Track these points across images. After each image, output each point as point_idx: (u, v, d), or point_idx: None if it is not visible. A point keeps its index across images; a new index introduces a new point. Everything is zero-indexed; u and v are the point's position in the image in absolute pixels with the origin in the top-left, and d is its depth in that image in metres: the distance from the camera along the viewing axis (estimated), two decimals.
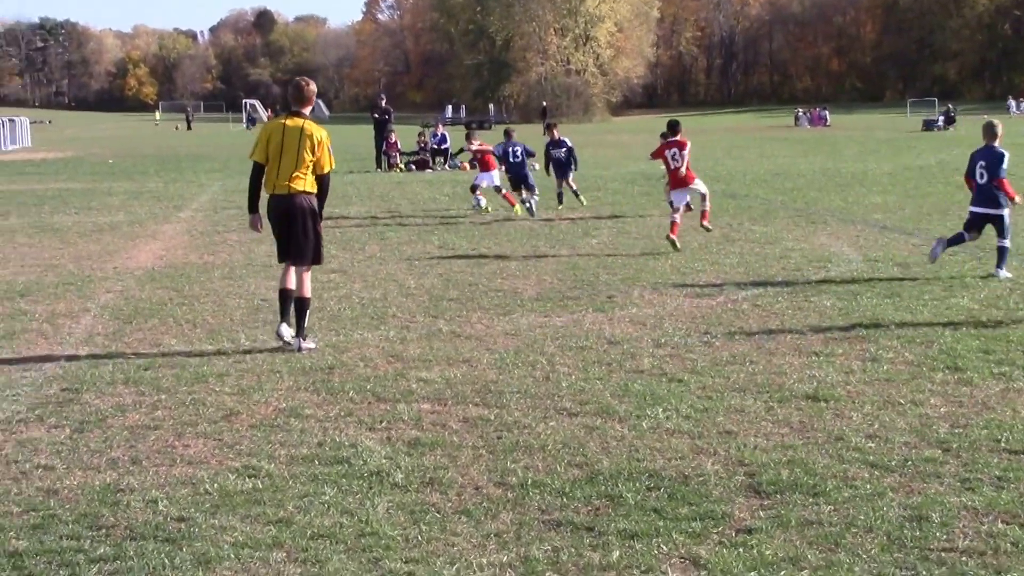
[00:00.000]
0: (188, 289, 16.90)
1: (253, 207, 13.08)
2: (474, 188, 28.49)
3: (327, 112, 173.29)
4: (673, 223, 20.66)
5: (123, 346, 12.95)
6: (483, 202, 28.11)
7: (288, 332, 12.70)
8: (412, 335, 13.35)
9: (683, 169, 21.08)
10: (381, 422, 9.65)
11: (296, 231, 12.83)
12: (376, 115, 47.40)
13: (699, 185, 21.39)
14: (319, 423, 9.66)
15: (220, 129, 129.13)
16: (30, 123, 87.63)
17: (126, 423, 9.75)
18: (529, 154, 27.50)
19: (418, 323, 14.13)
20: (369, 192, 35.03)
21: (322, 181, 12.93)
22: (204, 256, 20.58)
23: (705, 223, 21.62)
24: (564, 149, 28.76)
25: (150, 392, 10.82)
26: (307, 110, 13.05)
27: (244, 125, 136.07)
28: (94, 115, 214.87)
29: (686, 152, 21.20)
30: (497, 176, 28.26)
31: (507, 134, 28.34)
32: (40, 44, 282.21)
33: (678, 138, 21.42)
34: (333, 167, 13.13)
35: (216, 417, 9.90)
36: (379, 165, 46.71)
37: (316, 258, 13.07)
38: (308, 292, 13.01)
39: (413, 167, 46.53)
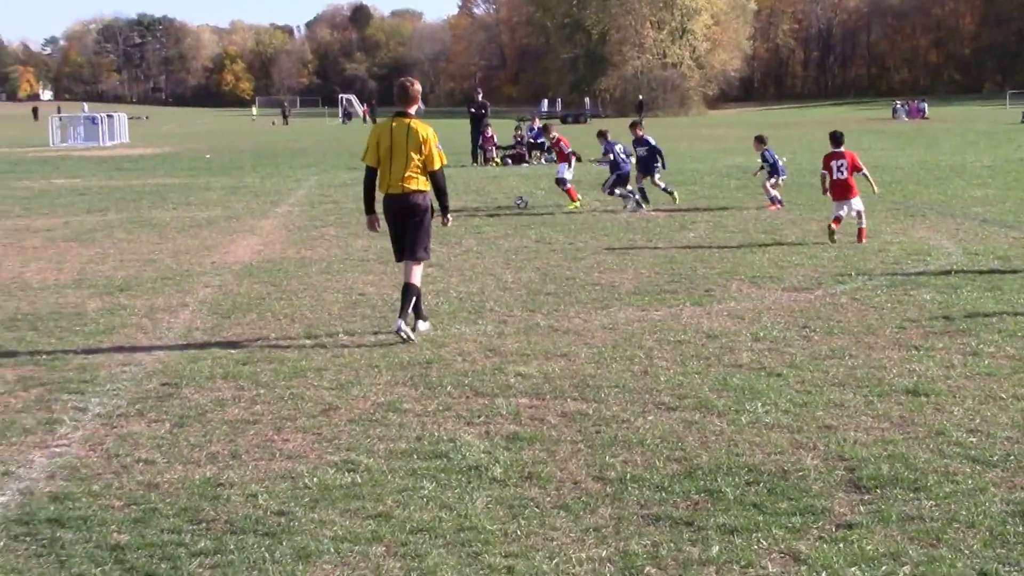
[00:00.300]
0: (286, 284, 17.03)
1: (369, 208, 13.47)
2: (560, 182, 28.55)
3: (422, 107, 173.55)
4: (837, 218, 20.52)
5: (222, 341, 13.07)
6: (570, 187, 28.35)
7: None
8: (510, 329, 13.36)
9: (846, 180, 20.79)
10: (479, 416, 9.67)
11: (410, 228, 13.12)
12: (472, 109, 47.47)
13: (858, 202, 20.96)
14: (417, 417, 9.69)
15: (316, 124, 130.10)
16: (128, 119, 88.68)
17: (225, 417, 9.84)
18: (627, 153, 27.67)
19: (516, 317, 14.14)
20: (465, 186, 35.12)
21: (435, 177, 13.18)
22: (301, 251, 20.72)
23: (863, 240, 20.88)
24: (646, 148, 28.59)
25: (249, 387, 10.92)
26: (413, 109, 13.28)
27: (340, 120, 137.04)
28: (191, 111, 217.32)
29: (848, 163, 20.90)
30: (568, 169, 28.54)
31: (603, 135, 28.39)
32: (138, 40, 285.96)
33: (841, 149, 21.14)
34: (444, 163, 13.35)
35: (315, 411, 9.96)
36: (475, 159, 46.84)
37: (426, 254, 13.33)
38: (416, 280, 13.19)
39: (509, 161, 46.60)
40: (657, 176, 28.43)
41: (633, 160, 28.10)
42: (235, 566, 6.66)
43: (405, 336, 12.84)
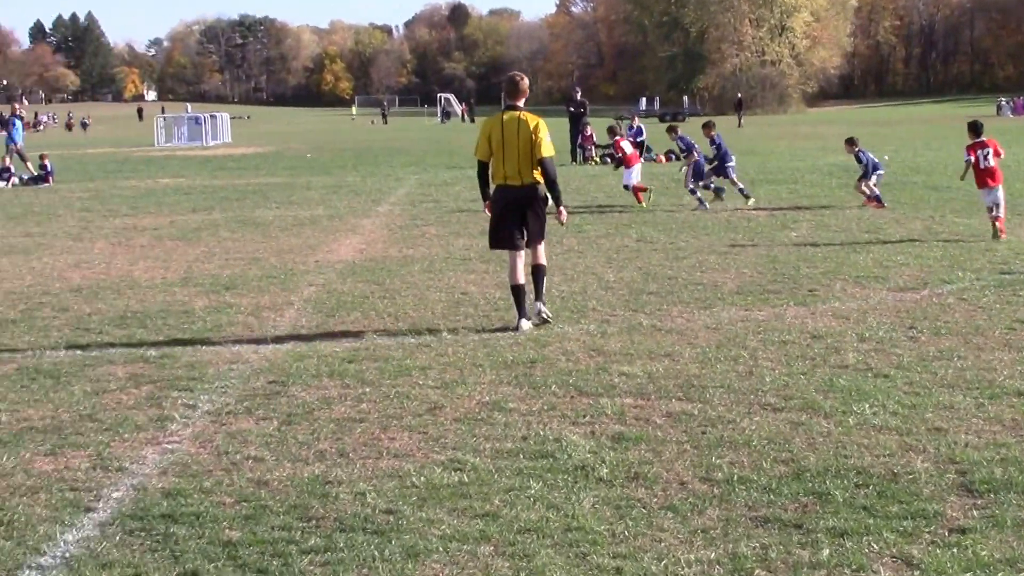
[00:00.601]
0: (389, 283, 17.12)
1: (485, 197, 13.93)
2: (628, 187, 28.57)
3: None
4: (997, 218, 20.37)
5: (327, 339, 13.17)
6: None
7: (528, 325, 13.41)
8: (613, 329, 13.33)
9: (992, 167, 20.59)
10: (584, 416, 9.65)
11: (530, 215, 13.56)
12: (571, 108, 47.46)
13: (1000, 192, 20.70)
14: (523, 417, 9.70)
15: (415, 123, 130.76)
16: (230, 119, 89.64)
17: (332, 416, 9.91)
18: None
19: (618, 317, 14.11)
20: (564, 185, 34.75)
21: (544, 165, 13.42)
22: (403, 250, 20.82)
23: (1002, 232, 20.64)
24: (714, 147, 28.48)
25: (355, 385, 10.98)
26: (521, 102, 13.57)
27: (439, 119, 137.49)
28: (291, 110, 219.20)
29: (992, 150, 20.71)
30: (635, 173, 28.78)
31: (673, 130, 28.69)
32: (239, 41, 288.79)
33: (983, 139, 20.92)
34: (552, 153, 13.53)
35: (420, 410, 10.00)
36: (574, 158, 46.76)
37: (542, 234, 13.82)
38: (544, 260, 13.90)
39: (608, 160, 46.43)
40: (734, 175, 28.28)
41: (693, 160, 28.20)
42: (345, 564, 6.70)
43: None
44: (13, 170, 41.55)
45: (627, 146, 30.11)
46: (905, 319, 13.51)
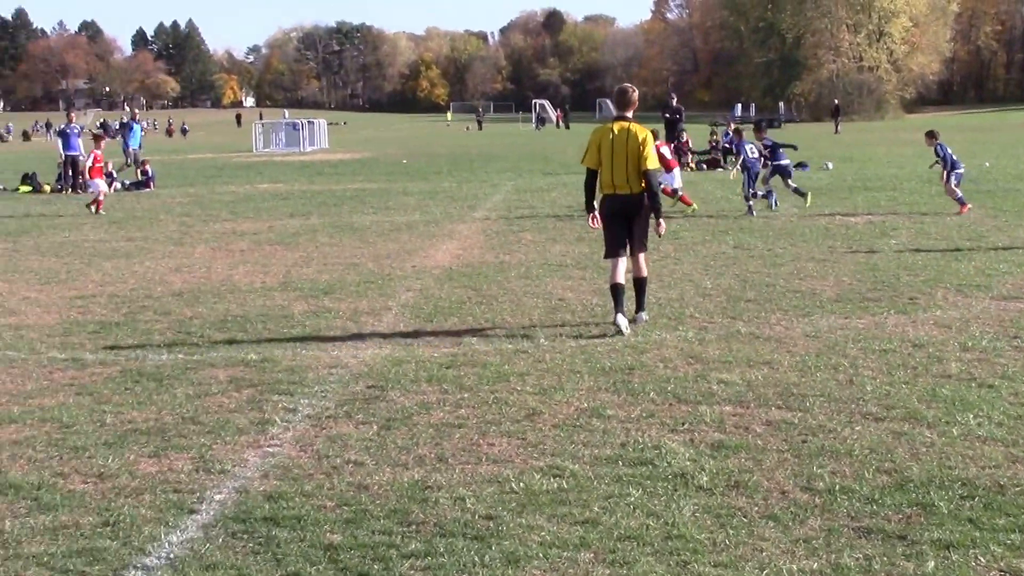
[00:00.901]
0: (486, 288, 17.14)
1: (589, 207, 14.13)
2: (672, 193, 28.41)
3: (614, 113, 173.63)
4: None
5: (425, 344, 13.20)
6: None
7: (624, 321, 13.67)
8: (711, 336, 13.26)
9: None
10: (683, 424, 9.60)
11: (636, 225, 13.89)
12: (667, 114, 47.21)
13: None
14: (621, 424, 9.66)
15: (510, 129, 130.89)
16: (327, 124, 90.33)
17: (431, 421, 9.92)
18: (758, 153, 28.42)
19: (716, 324, 14.03)
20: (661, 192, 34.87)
21: (648, 177, 13.79)
22: (500, 255, 20.84)
23: None
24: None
25: (453, 390, 11.00)
26: (630, 113, 14.04)
27: (533, 125, 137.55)
28: (387, 116, 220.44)
29: None
30: (676, 177, 28.97)
31: (738, 133, 28.86)
32: (336, 48, 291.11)
33: None
34: (657, 166, 14.08)
35: (519, 416, 9.99)
36: None
37: (645, 244, 14.20)
38: (645, 272, 14.30)
39: (704, 166, 46.30)
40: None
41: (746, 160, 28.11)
42: (446, 569, 6.70)
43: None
44: (116, 175, 42.11)
45: (666, 151, 29.94)
46: (1009, 328, 13.30)
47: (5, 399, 11.09)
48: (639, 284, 14.23)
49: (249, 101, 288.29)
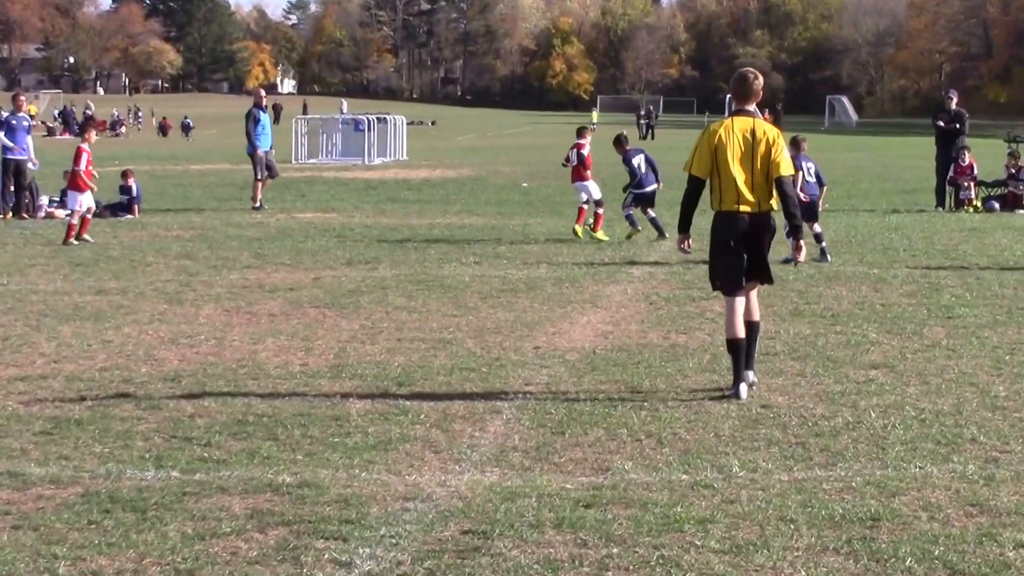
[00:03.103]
0: (648, 384, 17.15)
1: (685, 226, 16.57)
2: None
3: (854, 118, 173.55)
4: None
5: (553, 469, 13.22)
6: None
7: (746, 393, 16.04)
8: (1004, 473, 13.16)
9: None
10: None
11: (761, 252, 15.99)
12: (940, 122, 46.44)
13: None
14: None
15: (689, 138, 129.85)
16: (406, 124, 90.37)
17: None
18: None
19: (1012, 454, 13.96)
20: (926, 246, 34.70)
21: (782, 186, 15.78)
22: (670, 334, 20.86)
23: None
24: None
25: (595, 542, 10.98)
26: (752, 107, 15.63)
27: None
28: (499, 114, 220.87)
29: None
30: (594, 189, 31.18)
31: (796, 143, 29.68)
32: (425, 6, 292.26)
33: None
34: (791, 172, 15.87)
35: None
36: (941, 202, 45.68)
37: (766, 277, 16.49)
38: (758, 315, 16.63)
39: (996, 204, 45.67)
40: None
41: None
42: None
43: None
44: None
45: (585, 152, 30.49)
46: None
47: None
48: (751, 331, 16.26)
49: (287, 85, 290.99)
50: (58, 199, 41.89)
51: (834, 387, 16.30)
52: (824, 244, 29.77)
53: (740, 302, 15.90)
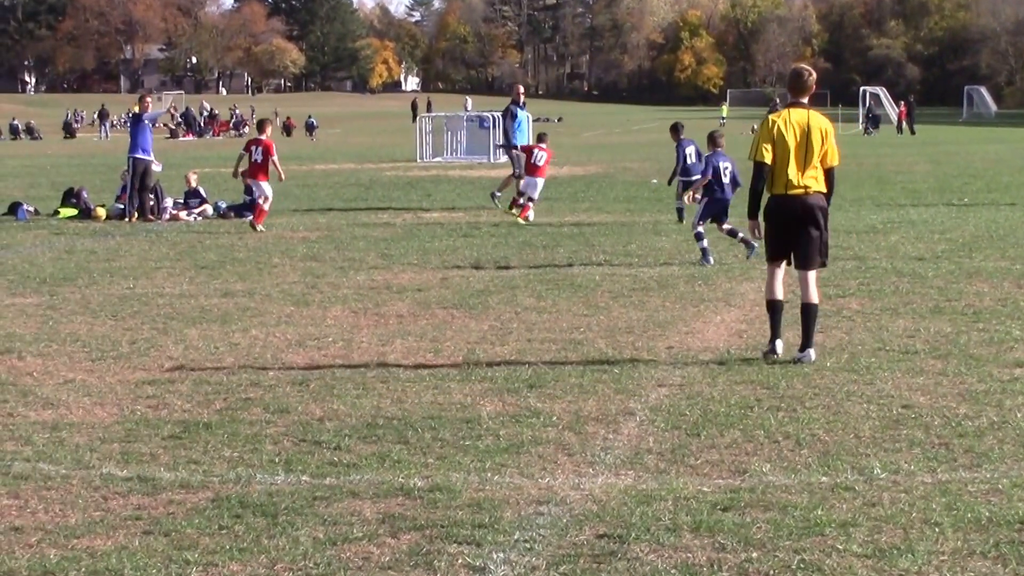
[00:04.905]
0: (785, 385, 17.06)
1: (754, 212, 18.62)
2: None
3: (993, 109, 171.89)
4: None
5: (689, 472, 13.19)
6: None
7: (781, 348, 18.25)
8: None
9: None
10: None
11: (808, 233, 18.05)
12: None
13: None
14: None
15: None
16: (531, 121, 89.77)
17: None
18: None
19: None
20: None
21: (830, 175, 18.34)
22: None
23: None
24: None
25: (733, 546, 10.95)
26: (806, 100, 18.48)
27: (860, 126, 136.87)
28: (627, 109, 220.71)
29: None
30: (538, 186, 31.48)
31: None
32: (551, 1, 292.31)
33: None
34: (839, 161, 18.47)
35: None
36: None
37: (823, 261, 18.58)
38: (815, 298, 18.34)
39: None
40: None
41: None
42: None
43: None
44: (204, 194, 42.91)
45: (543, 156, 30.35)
46: None
47: (37, 537, 11.34)
48: (807, 313, 18.18)
49: (411, 82, 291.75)
50: (182, 201, 42.23)
51: (977, 386, 16.20)
52: (740, 234, 29.50)
53: (780, 270, 18.26)
